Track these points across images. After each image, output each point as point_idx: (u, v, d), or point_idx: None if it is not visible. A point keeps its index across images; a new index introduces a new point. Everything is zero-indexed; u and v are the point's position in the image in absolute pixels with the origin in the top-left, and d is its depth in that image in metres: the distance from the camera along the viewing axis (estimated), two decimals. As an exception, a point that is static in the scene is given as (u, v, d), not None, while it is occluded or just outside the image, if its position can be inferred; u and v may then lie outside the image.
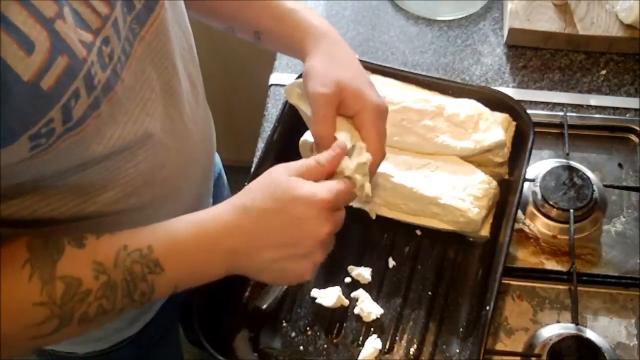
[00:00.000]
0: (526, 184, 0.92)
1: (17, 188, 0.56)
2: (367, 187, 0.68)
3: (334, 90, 0.69)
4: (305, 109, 0.76)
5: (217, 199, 0.95)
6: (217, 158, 1.02)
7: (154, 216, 0.70)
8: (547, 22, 1.12)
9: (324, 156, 0.65)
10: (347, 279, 0.87)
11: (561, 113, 1.02)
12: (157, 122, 0.64)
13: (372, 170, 0.70)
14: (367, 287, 0.86)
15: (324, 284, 0.86)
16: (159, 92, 0.64)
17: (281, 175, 0.62)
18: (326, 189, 0.61)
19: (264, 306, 0.83)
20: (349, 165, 0.67)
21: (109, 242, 0.58)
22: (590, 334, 0.81)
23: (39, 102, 0.48)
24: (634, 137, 1.01)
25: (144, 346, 0.91)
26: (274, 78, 1.12)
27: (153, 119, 0.63)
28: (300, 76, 0.77)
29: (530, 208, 0.93)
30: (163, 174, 0.68)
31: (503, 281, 0.82)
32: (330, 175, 0.66)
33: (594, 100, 1.07)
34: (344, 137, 0.69)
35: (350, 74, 0.71)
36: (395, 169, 0.87)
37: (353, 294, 0.85)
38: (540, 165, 0.97)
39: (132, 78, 0.59)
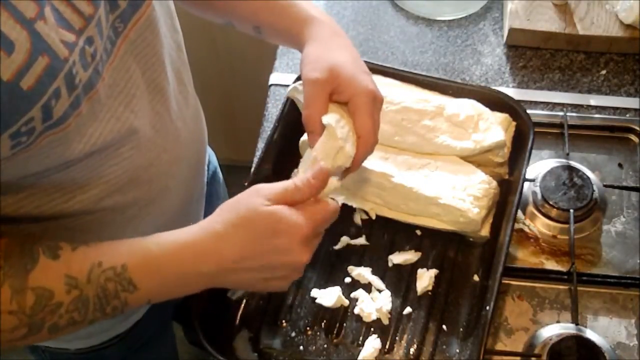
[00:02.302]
0: (526, 184, 0.92)
1: (1, 186, 0.56)
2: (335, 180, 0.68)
3: (326, 76, 0.68)
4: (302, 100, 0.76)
5: (212, 197, 0.95)
6: (213, 156, 1.02)
7: (142, 215, 0.70)
8: (547, 22, 1.12)
9: (302, 180, 0.64)
10: (347, 279, 0.87)
11: (561, 113, 1.02)
12: (142, 119, 0.64)
13: (358, 158, 0.70)
14: (367, 287, 0.86)
15: (324, 284, 0.86)
16: (144, 89, 0.64)
17: (261, 204, 0.61)
18: (308, 221, 0.62)
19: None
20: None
21: (83, 255, 0.58)
22: (590, 334, 0.81)
23: (19, 102, 0.48)
24: (634, 137, 1.01)
25: (135, 345, 0.91)
26: (274, 78, 1.12)
27: (138, 116, 0.63)
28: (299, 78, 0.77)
29: (530, 208, 0.93)
30: (150, 173, 0.68)
31: (503, 281, 0.82)
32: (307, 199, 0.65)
33: (594, 100, 1.07)
34: (331, 117, 0.68)
35: (346, 59, 0.71)
36: (396, 169, 0.87)
37: (353, 294, 0.85)
38: (540, 165, 0.97)
39: (114, 76, 0.59)
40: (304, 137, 0.88)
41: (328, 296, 0.83)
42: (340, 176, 0.71)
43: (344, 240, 0.89)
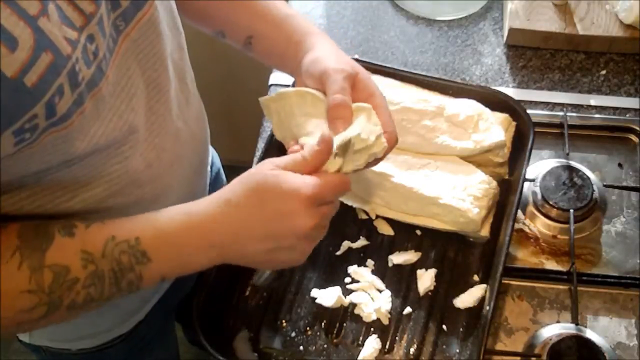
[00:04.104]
0: (526, 184, 0.92)
1: (3, 184, 0.57)
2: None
3: (350, 70, 0.69)
4: (275, 116, 0.74)
5: None
6: (216, 157, 1.02)
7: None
8: (547, 22, 1.12)
9: (309, 151, 0.64)
10: (347, 279, 0.87)
11: (561, 113, 1.02)
12: (141, 118, 0.65)
13: (385, 153, 0.70)
14: (367, 287, 0.86)
15: (324, 284, 0.86)
16: (143, 88, 0.64)
17: (266, 169, 0.62)
18: (310, 184, 0.61)
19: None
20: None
21: (97, 231, 0.59)
22: (590, 334, 0.81)
23: (23, 98, 0.49)
24: (634, 137, 1.01)
25: (136, 345, 0.91)
26: (274, 78, 1.11)
27: (138, 115, 0.64)
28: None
29: (530, 208, 0.93)
30: (151, 172, 0.69)
31: (503, 281, 0.82)
32: (316, 169, 0.64)
33: (594, 100, 1.07)
34: (361, 102, 0.68)
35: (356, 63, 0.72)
36: (396, 169, 0.87)
37: (353, 295, 0.85)
38: (540, 165, 0.97)
39: (116, 74, 0.60)
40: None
41: (328, 296, 0.83)
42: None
43: (346, 244, 0.89)
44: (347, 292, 0.85)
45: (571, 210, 0.90)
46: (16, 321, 0.58)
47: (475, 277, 0.86)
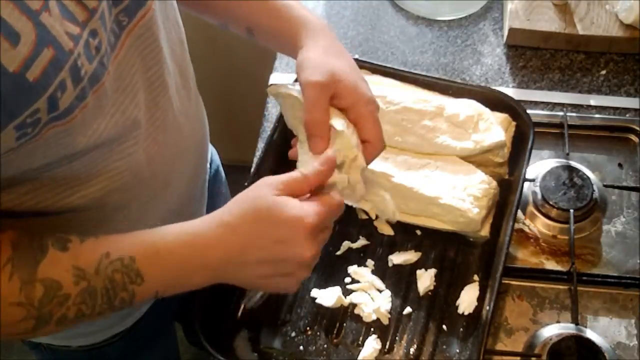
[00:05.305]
0: (526, 184, 0.92)
1: (3, 180, 0.57)
2: (360, 187, 0.67)
3: (328, 80, 0.67)
4: (287, 107, 0.75)
5: (214, 196, 0.95)
6: (215, 154, 1.02)
7: (144, 210, 0.70)
8: (547, 22, 1.12)
9: (311, 170, 0.64)
10: (347, 279, 0.87)
11: (561, 113, 1.02)
12: (145, 113, 0.65)
13: (369, 160, 0.70)
14: (367, 287, 0.86)
15: (324, 284, 0.86)
16: (148, 84, 0.64)
17: (268, 194, 0.61)
18: (313, 213, 0.61)
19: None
20: (341, 179, 0.67)
21: (92, 247, 0.58)
22: (590, 334, 0.81)
23: (25, 93, 0.49)
24: (634, 137, 1.01)
25: (136, 343, 0.91)
26: (274, 78, 1.12)
27: (141, 111, 0.64)
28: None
29: (530, 208, 0.93)
30: (152, 168, 0.69)
31: (503, 281, 0.82)
32: (318, 188, 0.64)
33: (594, 100, 1.07)
34: (338, 122, 0.67)
35: (345, 66, 0.70)
36: (396, 169, 0.87)
37: (353, 295, 0.85)
38: (540, 165, 0.97)
39: (119, 69, 0.59)
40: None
41: (328, 296, 0.83)
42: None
43: (346, 244, 0.89)
44: (347, 292, 0.85)
45: (571, 210, 0.90)
46: (3, 332, 0.57)
47: (475, 277, 0.86)
